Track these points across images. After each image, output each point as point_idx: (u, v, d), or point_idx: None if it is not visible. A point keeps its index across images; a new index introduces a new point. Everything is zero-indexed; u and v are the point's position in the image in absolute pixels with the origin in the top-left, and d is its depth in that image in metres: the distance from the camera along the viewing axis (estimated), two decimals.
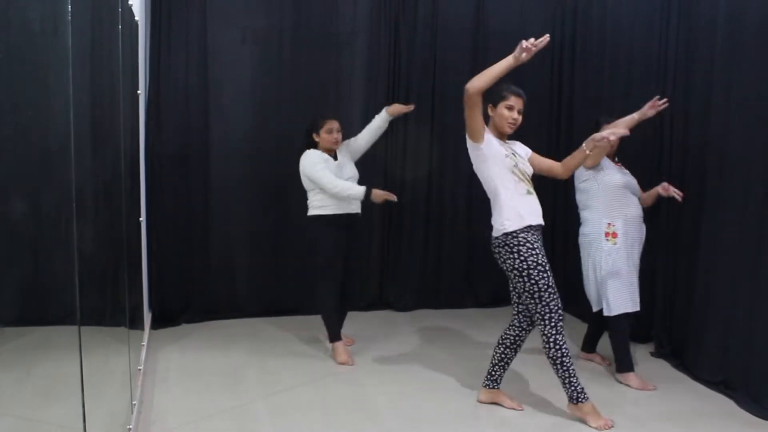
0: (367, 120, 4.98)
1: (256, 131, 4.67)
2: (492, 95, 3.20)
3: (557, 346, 3.08)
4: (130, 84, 3.41)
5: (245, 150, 4.70)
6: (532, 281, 3.07)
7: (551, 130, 5.27)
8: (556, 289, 3.11)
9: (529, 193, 3.19)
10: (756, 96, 3.36)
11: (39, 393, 2.52)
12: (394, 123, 4.98)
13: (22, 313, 2.61)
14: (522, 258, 3.08)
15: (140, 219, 4.08)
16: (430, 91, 5.03)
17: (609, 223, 3.66)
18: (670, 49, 4.09)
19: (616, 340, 3.69)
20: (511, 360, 3.36)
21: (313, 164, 3.86)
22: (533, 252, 3.09)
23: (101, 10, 2.83)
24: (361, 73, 4.99)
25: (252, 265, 4.82)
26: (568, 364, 3.09)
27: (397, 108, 4.16)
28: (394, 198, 3.84)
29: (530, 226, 3.13)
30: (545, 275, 3.09)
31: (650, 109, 3.62)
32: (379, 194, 3.81)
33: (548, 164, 3.37)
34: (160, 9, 4.48)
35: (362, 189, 3.81)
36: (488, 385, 3.36)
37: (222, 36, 4.69)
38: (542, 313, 3.09)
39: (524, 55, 2.89)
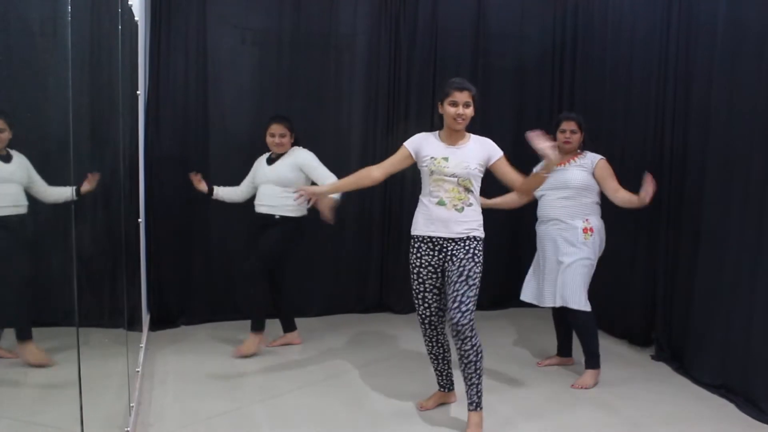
0: (366, 122, 4.99)
1: (256, 132, 4.65)
2: (439, 93, 3.18)
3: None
4: (129, 84, 3.41)
5: (244, 151, 4.69)
6: (411, 285, 3.23)
7: (552, 132, 5.26)
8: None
9: (440, 204, 3.08)
10: (756, 97, 3.36)
11: (36, 395, 2.51)
12: (394, 124, 4.99)
13: (20, 313, 2.60)
14: (410, 261, 3.21)
15: (139, 220, 4.07)
16: (430, 93, 5.02)
17: None
18: (671, 51, 4.09)
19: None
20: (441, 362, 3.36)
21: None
22: (413, 260, 3.18)
23: (101, 10, 2.82)
24: (360, 75, 4.99)
25: None
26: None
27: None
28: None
29: (420, 237, 3.15)
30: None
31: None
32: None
33: (510, 179, 3.16)
34: (159, 10, 4.48)
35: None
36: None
37: (221, 37, 4.69)
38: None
39: None
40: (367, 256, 5.10)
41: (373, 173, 3.20)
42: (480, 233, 3.12)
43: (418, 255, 3.16)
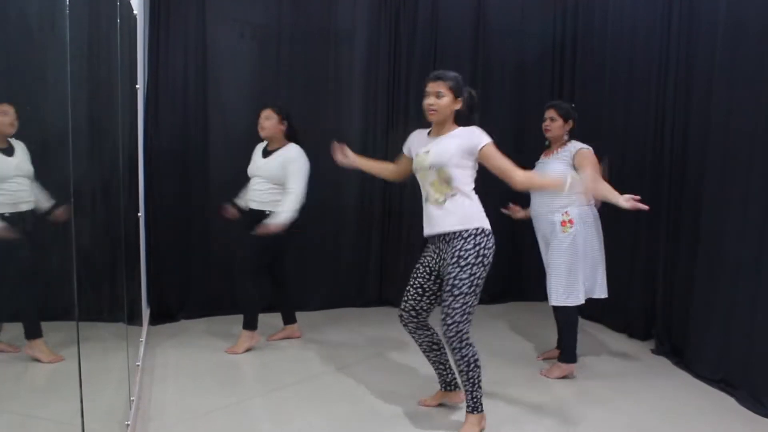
0: (365, 119, 4.98)
1: (255, 127, 4.65)
2: None
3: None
4: (128, 79, 3.40)
5: (244, 145, 4.67)
6: None
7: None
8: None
9: (426, 200, 3.03)
10: (756, 97, 3.36)
11: (37, 389, 2.51)
12: (394, 119, 4.98)
13: (20, 308, 2.60)
14: None
15: (138, 214, 4.07)
16: None
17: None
18: (671, 50, 4.09)
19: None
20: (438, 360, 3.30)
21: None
22: (419, 258, 3.16)
23: (100, 4, 2.81)
24: (360, 69, 4.98)
25: None
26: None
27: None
28: None
29: (425, 238, 3.12)
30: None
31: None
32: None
33: (498, 168, 2.92)
34: (158, 4, 4.47)
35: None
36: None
37: (221, 31, 4.68)
38: None
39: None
40: (367, 250, 5.11)
41: (390, 168, 3.39)
42: (465, 226, 2.92)
43: (424, 254, 3.15)
